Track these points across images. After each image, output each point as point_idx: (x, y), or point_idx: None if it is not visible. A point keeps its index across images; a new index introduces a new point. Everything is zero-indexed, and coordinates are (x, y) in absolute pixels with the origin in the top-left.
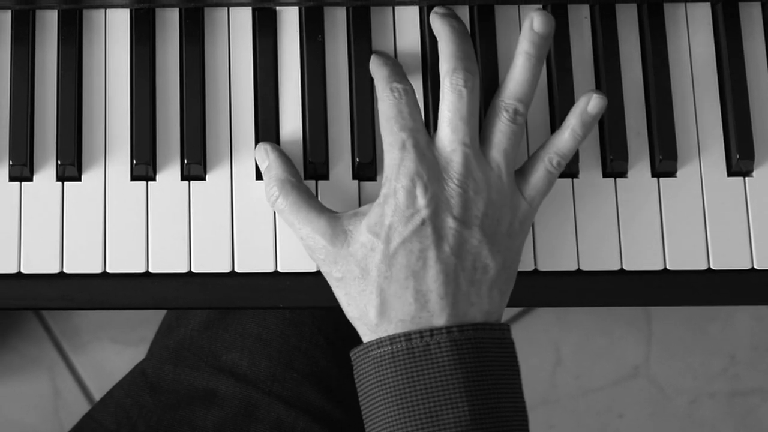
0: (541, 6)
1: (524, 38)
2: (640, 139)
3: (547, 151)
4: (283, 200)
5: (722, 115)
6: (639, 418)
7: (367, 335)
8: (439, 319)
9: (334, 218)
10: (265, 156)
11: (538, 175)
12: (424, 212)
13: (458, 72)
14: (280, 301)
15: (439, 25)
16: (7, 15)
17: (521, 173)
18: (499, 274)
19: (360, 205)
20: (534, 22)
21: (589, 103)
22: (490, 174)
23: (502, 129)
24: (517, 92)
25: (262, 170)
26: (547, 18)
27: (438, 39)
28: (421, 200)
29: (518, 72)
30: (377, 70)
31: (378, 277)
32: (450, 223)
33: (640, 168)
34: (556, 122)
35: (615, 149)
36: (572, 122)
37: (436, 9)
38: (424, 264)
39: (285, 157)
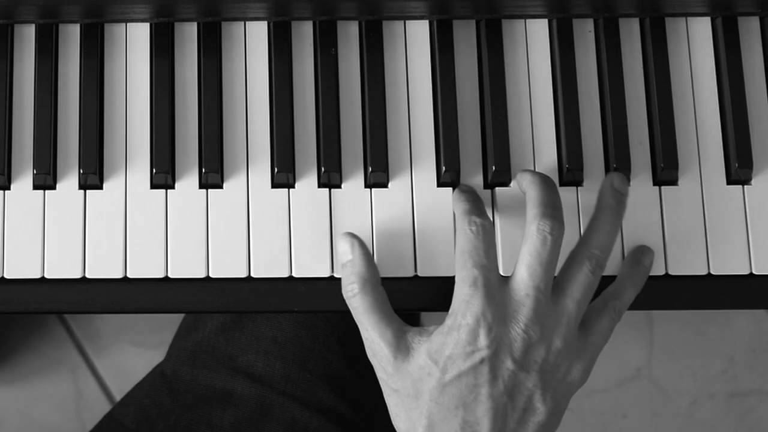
0: (547, 21)
1: (606, 194)
2: (642, 148)
3: (609, 299)
4: (360, 299)
5: (722, 126)
6: (641, 418)
7: None
8: None
9: (401, 331)
10: (350, 249)
11: (603, 322)
12: (484, 352)
13: (547, 219)
14: (295, 305)
15: (528, 177)
16: (31, 29)
17: (583, 321)
18: (549, 419)
19: (372, 213)
20: (614, 181)
21: (644, 257)
22: (559, 322)
23: (581, 279)
24: (601, 242)
25: (343, 261)
26: (624, 178)
27: (527, 188)
28: (483, 341)
29: (602, 223)
30: (459, 204)
31: (429, 401)
32: (508, 364)
33: (642, 176)
34: (561, 132)
35: (618, 158)
36: (632, 274)
37: (524, 170)
38: (476, 398)
39: (370, 256)
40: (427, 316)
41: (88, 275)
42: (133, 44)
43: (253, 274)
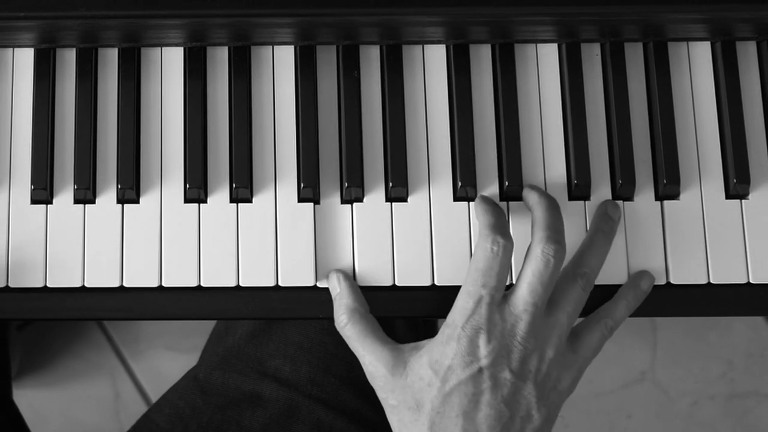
0: (557, 45)
1: (600, 219)
2: (646, 165)
3: (602, 316)
4: (351, 328)
5: (721, 144)
6: (645, 418)
7: None
8: None
9: (395, 349)
10: (337, 284)
11: (593, 336)
12: (483, 362)
13: (551, 243)
14: (320, 312)
15: (536, 197)
16: (72, 53)
17: (575, 333)
18: (542, 426)
19: (392, 224)
20: (608, 208)
21: (642, 281)
22: (552, 333)
23: (573, 295)
24: (593, 262)
25: (333, 296)
26: (617, 206)
27: (534, 208)
28: (483, 350)
29: (595, 246)
30: (484, 216)
31: (431, 411)
32: (506, 374)
33: (645, 192)
34: (569, 149)
35: (624, 175)
36: (627, 295)
37: (531, 185)
38: (476, 406)
39: (355, 288)
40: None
41: (125, 284)
42: (167, 67)
43: (280, 283)
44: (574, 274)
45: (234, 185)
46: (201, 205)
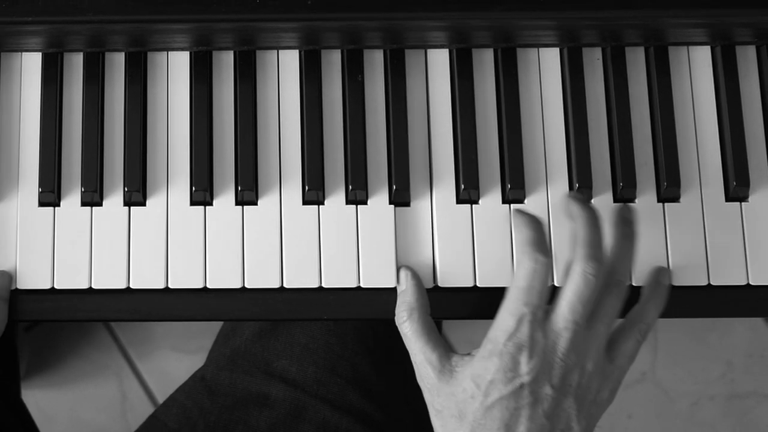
0: (559, 50)
1: (621, 225)
2: (647, 168)
3: (635, 321)
4: (408, 325)
5: (720, 147)
6: (646, 418)
7: None
8: None
9: (445, 355)
10: (404, 280)
11: (629, 343)
12: (525, 378)
13: (591, 262)
14: (325, 313)
15: (577, 210)
16: (80, 57)
17: (611, 342)
18: None
19: (395, 227)
20: (624, 213)
21: (662, 277)
22: (591, 346)
23: (609, 304)
24: (623, 269)
25: (399, 292)
26: (631, 208)
27: (575, 221)
28: (524, 368)
29: (622, 252)
30: (525, 231)
31: (473, 422)
32: (547, 390)
33: (647, 194)
34: (571, 152)
35: (625, 177)
36: (653, 295)
37: (573, 194)
38: (517, 420)
39: (421, 287)
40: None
41: (132, 286)
42: (174, 71)
43: (285, 285)
44: (608, 283)
45: (239, 188)
46: (207, 207)
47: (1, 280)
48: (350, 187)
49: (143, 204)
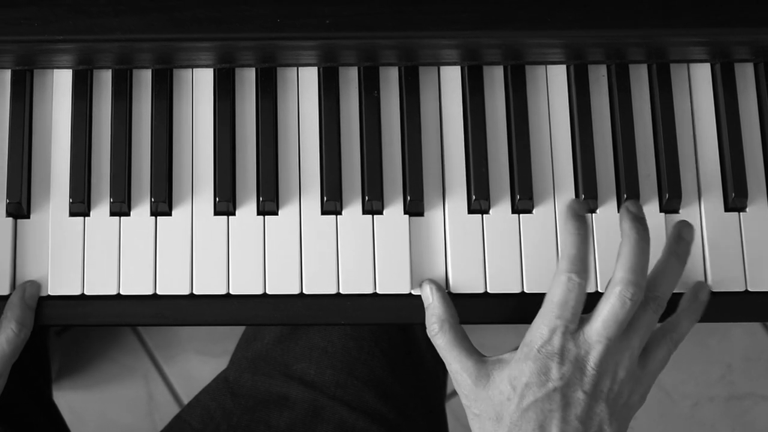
0: (566, 67)
1: (675, 241)
2: (649, 180)
3: (668, 330)
4: (441, 337)
5: (720, 159)
6: (649, 418)
7: None
8: None
9: (480, 361)
10: (429, 294)
11: (661, 351)
12: (557, 383)
13: (631, 286)
14: (342, 318)
15: (627, 228)
16: (108, 74)
17: (644, 349)
18: None
19: (409, 236)
20: (682, 231)
21: (701, 292)
22: (624, 356)
23: (645, 318)
24: (665, 286)
25: (426, 306)
26: (691, 227)
27: (622, 237)
28: (556, 373)
29: (668, 269)
30: (567, 244)
31: (510, 424)
32: (579, 395)
33: (649, 205)
34: (577, 165)
35: (628, 189)
36: (690, 308)
37: (629, 205)
38: (551, 422)
39: (446, 298)
40: None
41: (158, 292)
42: (198, 87)
43: (304, 291)
44: (646, 297)
45: (261, 198)
46: (230, 217)
47: (30, 290)
48: (367, 197)
49: (169, 214)
